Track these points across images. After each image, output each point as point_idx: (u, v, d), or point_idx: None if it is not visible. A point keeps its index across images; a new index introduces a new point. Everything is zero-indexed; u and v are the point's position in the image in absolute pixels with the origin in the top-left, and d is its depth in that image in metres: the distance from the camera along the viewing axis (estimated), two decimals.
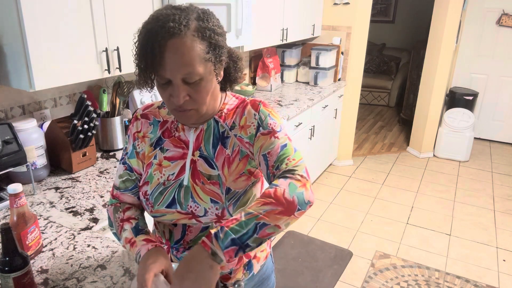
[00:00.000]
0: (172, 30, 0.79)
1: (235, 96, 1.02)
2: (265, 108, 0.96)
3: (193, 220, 0.96)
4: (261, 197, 0.83)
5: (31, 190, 1.49)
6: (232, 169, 0.95)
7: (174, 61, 0.80)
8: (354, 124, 4.04)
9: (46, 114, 1.79)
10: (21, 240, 1.04)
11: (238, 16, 2.26)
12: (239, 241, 0.79)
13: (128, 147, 1.03)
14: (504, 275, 2.57)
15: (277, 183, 0.85)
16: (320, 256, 2.69)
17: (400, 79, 6.21)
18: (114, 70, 1.64)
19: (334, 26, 3.76)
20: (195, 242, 0.99)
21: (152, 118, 1.02)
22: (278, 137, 0.92)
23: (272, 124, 0.94)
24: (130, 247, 0.93)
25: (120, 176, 1.03)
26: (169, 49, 0.80)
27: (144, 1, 1.72)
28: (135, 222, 0.97)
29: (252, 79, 3.49)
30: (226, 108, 0.98)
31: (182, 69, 0.81)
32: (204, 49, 0.82)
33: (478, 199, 3.55)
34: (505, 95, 4.69)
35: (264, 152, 0.91)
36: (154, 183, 0.98)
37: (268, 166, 0.91)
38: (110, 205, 1.04)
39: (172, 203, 0.96)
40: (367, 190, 3.68)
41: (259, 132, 0.93)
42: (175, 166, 0.98)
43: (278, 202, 0.82)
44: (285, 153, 0.90)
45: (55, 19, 1.38)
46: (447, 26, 3.93)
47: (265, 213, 0.81)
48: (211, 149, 0.96)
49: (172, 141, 0.99)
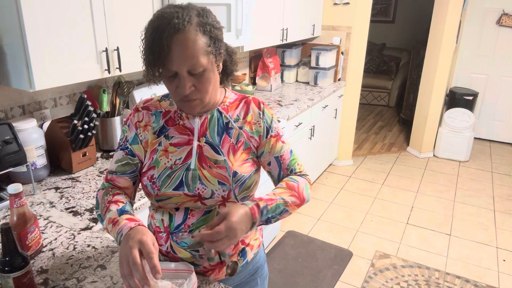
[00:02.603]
0: (177, 26, 0.85)
1: (234, 92, 1.11)
2: (268, 111, 1.07)
3: (198, 202, 0.99)
4: (288, 188, 1.02)
5: (31, 190, 1.49)
6: (237, 156, 1.02)
7: (180, 54, 0.86)
8: (354, 124, 4.04)
9: (46, 114, 1.79)
10: (21, 240, 1.04)
11: (238, 16, 2.26)
12: (268, 219, 0.97)
13: (129, 134, 1.05)
14: (504, 275, 2.57)
15: (297, 180, 1.05)
16: (320, 256, 2.69)
17: (400, 79, 6.21)
18: (114, 70, 1.64)
19: (334, 26, 3.76)
20: (197, 225, 1.01)
21: (153, 110, 1.06)
22: (284, 141, 1.08)
23: (277, 128, 1.07)
24: (112, 227, 0.92)
25: (118, 161, 1.05)
26: (175, 44, 0.86)
27: (144, 1, 1.72)
28: (122, 205, 0.98)
29: (252, 79, 3.49)
30: (228, 101, 1.06)
31: (188, 61, 0.87)
32: (206, 42, 0.89)
33: (478, 199, 3.55)
34: (505, 95, 4.69)
35: (277, 155, 1.06)
36: (161, 167, 1.00)
37: (281, 168, 1.08)
38: (102, 189, 1.05)
39: (180, 185, 0.98)
40: (367, 190, 3.68)
41: (269, 135, 1.05)
42: (182, 151, 1.01)
43: (299, 196, 1.03)
44: (294, 158, 1.10)
45: (55, 19, 1.38)
46: (447, 26, 3.93)
47: (291, 202, 1.01)
48: (216, 136, 1.02)
49: (177, 128, 1.03)
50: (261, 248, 1.21)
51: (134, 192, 1.09)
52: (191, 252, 1.02)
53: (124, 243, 0.84)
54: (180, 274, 0.97)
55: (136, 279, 0.79)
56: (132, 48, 1.70)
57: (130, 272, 0.79)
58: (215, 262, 1.05)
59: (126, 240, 0.84)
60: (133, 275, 0.79)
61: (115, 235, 0.90)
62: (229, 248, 1.07)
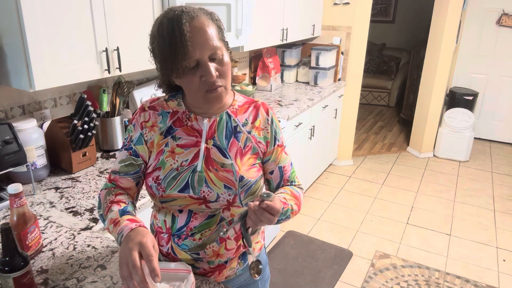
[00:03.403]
0: (191, 14, 0.89)
1: (242, 96, 1.10)
2: (275, 119, 1.08)
3: (203, 205, 0.98)
4: (293, 196, 1.05)
5: (31, 190, 1.49)
6: (244, 160, 1.01)
7: (200, 39, 0.88)
8: (354, 124, 4.04)
9: (46, 114, 1.79)
10: (21, 240, 1.04)
11: (238, 16, 2.26)
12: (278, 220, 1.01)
13: (134, 135, 1.04)
14: (504, 275, 2.57)
15: (299, 191, 1.10)
16: (320, 256, 2.69)
17: (400, 79, 6.21)
18: (114, 70, 1.64)
19: (334, 26, 3.76)
20: (199, 228, 1.00)
21: (160, 110, 1.04)
22: (286, 153, 1.11)
23: (283, 138, 1.10)
24: (113, 227, 0.91)
25: (122, 161, 1.04)
26: (193, 30, 0.88)
27: (144, 1, 1.72)
28: (124, 205, 0.97)
29: (252, 79, 3.49)
30: (237, 104, 1.06)
31: (208, 46, 0.90)
32: (216, 29, 0.93)
33: (478, 199, 3.55)
34: (505, 95, 4.69)
35: (281, 165, 1.09)
36: (167, 169, 0.99)
37: (283, 178, 1.10)
38: (104, 188, 1.04)
39: (185, 187, 0.97)
40: (367, 190, 3.68)
41: (276, 144, 1.06)
42: (189, 153, 1.00)
43: (299, 205, 1.08)
44: (294, 170, 1.13)
45: (55, 19, 1.38)
46: (447, 26, 3.93)
47: (294, 210, 1.05)
48: (224, 140, 1.01)
49: (185, 130, 1.02)
50: (263, 251, 1.20)
51: (137, 193, 1.08)
52: (192, 254, 1.02)
53: (124, 244, 0.83)
54: (179, 275, 0.96)
55: (135, 282, 0.78)
56: (132, 48, 1.70)
57: (130, 274, 0.79)
58: (215, 264, 1.05)
59: (126, 242, 0.83)
60: (132, 278, 0.78)
61: (115, 236, 0.90)
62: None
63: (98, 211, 1.04)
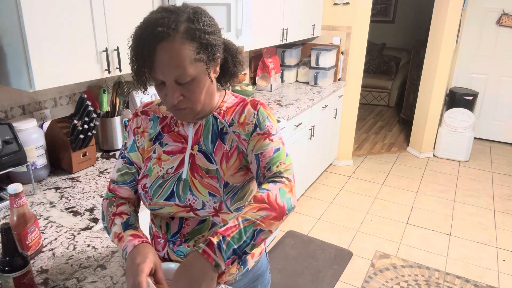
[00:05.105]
0: (160, 35, 0.81)
1: (235, 95, 1.05)
2: (264, 110, 0.99)
3: (191, 213, 0.97)
4: (255, 202, 0.85)
5: (31, 190, 1.49)
6: (230, 164, 0.97)
7: (164, 64, 0.82)
8: (354, 124, 4.04)
9: (46, 114, 1.79)
10: (21, 240, 1.04)
11: (238, 16, 2.26)
12: (239, 250, 0.81)
13: (128, 142, 1.05)
14: (504, 275, 2.57)
15: (267, 188, 0.88)
16: (320, 256, 2.69)
17: (400, 79, 6.21)
18: (114, 70, 1.64)
19: (334, 26, 3.76)
20: (192, 235, 1.00)
21: (152, 115, 1.04)
22: (272, 140, 0.95)
23: (269, 126, 0.97)
24: (117, 242, 0.93)
25: (118, 170, 1.04)
26: (158, 53, 0.82)
27: (144, 1, 1.72)
28: (126, 217, 0.97)
29: (252, 79, 3.49)
30: (225, 106, 1.01)
31: (173, 72, 0.83)
32: (195, 50, 0.83)
33: (478, 199, 3.55)
34: (505, 95, 4.69)
35: (257, 152, 0.94)
36: (153, 176, 0.99)
37: (259, 166, 0.94)
38: (106, 199, 1.05)
39: (171, 196, 0.97)
40: (367, 190, 3.68)
41: (255, 132, 0.96)
42: (174, 160, 0.99)
43: (272, 207, 0.85)
44: (278, 156, 0.94)
45: (55, 19, 1.38)
46: (447, 26, 3.93)
47: (261, 218, 0.83)
48: (210, 144, 0.98)
49: (171, 135, 1.01)
50: (263, 255, 1.18)
51: (138, 200, 1.08)
52: None
53: (129, 261, 0.85)
54: None
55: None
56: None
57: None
58: None
59: (131, 260, 0.85)
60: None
61: (120, 251, 0.92)
62: None
63: (102, 223, 1.04)
